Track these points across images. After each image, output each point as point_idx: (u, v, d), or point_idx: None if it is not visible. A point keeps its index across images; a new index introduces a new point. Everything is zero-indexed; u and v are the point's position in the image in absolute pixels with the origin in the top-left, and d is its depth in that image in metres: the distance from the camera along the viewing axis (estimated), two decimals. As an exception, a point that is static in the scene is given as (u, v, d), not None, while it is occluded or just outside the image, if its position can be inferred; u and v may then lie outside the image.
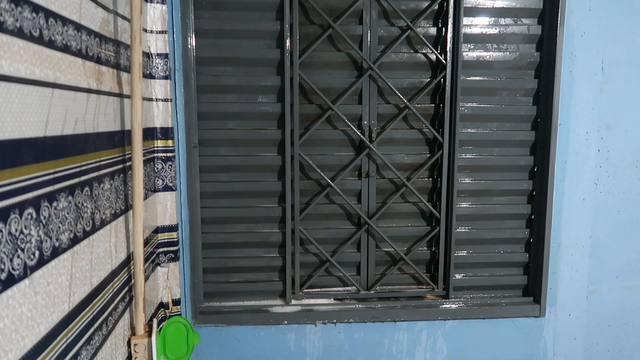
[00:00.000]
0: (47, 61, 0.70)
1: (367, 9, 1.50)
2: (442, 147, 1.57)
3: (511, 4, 1.54)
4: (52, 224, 0.70)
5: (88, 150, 0.86)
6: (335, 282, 1.64)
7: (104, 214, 0.94)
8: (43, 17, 0.69)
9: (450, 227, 1.60)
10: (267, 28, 1.48)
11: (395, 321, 1.61)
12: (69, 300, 0.77)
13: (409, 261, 1.61)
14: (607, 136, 1.60)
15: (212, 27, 1.46)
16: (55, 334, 0.71)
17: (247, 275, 1.61)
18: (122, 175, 1.05)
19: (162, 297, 1.44)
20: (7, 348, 0.58)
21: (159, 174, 1.40)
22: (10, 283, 0.59)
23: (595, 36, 1.54)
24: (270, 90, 1.51)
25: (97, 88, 0.91)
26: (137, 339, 1.09)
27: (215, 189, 1.54)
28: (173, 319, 1.22)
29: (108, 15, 0.99)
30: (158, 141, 1.39)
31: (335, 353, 1.63)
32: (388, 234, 1.60)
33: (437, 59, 1.54)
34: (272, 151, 1.54)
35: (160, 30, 1.35)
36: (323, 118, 1.51)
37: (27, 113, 0.63)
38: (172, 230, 1.44)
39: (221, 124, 1.52)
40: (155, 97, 1.36)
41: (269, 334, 1.60)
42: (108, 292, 0.96)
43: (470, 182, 1.62)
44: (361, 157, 1.55)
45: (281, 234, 1.58)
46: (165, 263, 1.44)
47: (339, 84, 1.53)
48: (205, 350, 1.58)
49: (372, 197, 1.60)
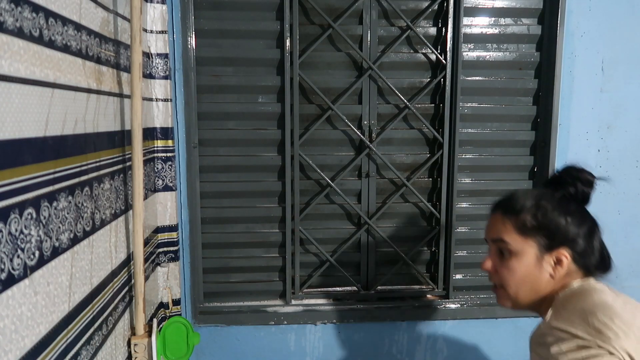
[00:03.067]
0: (47, 61, 0.70)
1: (367, 9, 1.50)
2: (442, 147, 1.57)
3: (511, 4, 1.54)
4: (52, 224, 0.70)
5: (88, 150, 0.86)
6: (335, 282, 1.64)
7: (104, 214, 0.94)
8: (43, 17, 0.69)
9: (450, 227, 1.60)
10: (267, 28, 1.48)
11: (395, 321, 1.62)
12: (69, 300, 0.77)
13: (409, 261, 1.61)
14: (607, 136, 1.60)
15: (212, 27, 1.46)
16: (55, 334, 0.71)
17: (247, 275, 1.61)
18: (122, 175, 1.05)
19: (162, 297, 1.44)
20: (7, 348, 0.58)
21: (159, 174, 1.40)
22: (10, 283, 0.59)
23: (595, 36, 1.54)
24: (270, 90, 1.51)
25: (97, 88, 0.91)
26: (137, 339, 1.09)
27: (215, 189, 1.54)
28: (173, 319, 1.22)
29: (108, 15, 0.99)
30: (158, 141, 1.39)
31: (335, 353, 1.63)
32: (388, 234, 1.60)
33: (437, 59, 1.54)
34: (272, 151, 1.54)
35: (160, 30, 1.35)
36: (323, 118, 1.51)
37: (27, 113, 0.63)
38: (172, 230, 1.44)
39: (221, 124, 1.52)
40: (155, 97, 1.36)
41: (269, 334, 1.60)
42: (108, 292, 0.96)
43: (470, 182, 1.62)
44: (361, 157, 1.55)
45: (281, 234, 1.58)
46: (165, 263, 1.44)
47: (339, 84, 1.53)
48: (205, 350, 1.58)
49: (372, 197, 1.60)
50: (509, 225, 0.92)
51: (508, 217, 0.93)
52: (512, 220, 0.92)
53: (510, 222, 0.92)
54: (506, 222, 0.92)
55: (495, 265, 0.95)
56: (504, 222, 0.93)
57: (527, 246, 0.90)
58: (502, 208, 0.95)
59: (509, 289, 0.93)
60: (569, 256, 0.89)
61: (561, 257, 0.89)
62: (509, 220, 0.92)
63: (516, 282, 0.92)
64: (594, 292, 0.86)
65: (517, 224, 0.91)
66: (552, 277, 0.90)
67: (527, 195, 0.93)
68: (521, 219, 0.91)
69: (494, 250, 0.96)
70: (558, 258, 0.89)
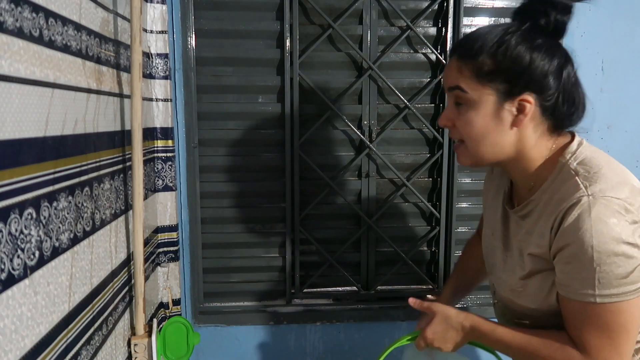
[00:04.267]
0: (47, 61, 0.70)
1: (367, 9, 1.50)
2: (442, 147, 1.57)
3: (511, 4, 1.54)
4: (52, 224, 0.70)
5: (88, 150, 0.86)
6: (335, 282, 1.64)
7: (104, 214, 0.94)
8: (43, 17, 0.69)
9: (450, 227, 1.60)
10: (267, 28, 1.48)
11: (395, 321, 1.61)
12: (69, 300, 0.77)
13: (409, 261, 1.61)
14: (607, 136, 1.60)
15: (212, 27, 1.46)
16: (55, 334, 0.71)
17: (247, 276, 1.61)
18: (122, 175, 1.05)
19: (162, 297, 1.44)
20: (7, 348, 0.58)
21: (159, 174, 1.40)
22: (10, 283, 0.59)
23: (595, 36, 1.54)
24: (270, 90, 1.51)
25: (97, 88, 0.91)
26: (137, 339, 1.09)
27: (215, 189, 1.54)
28: (173, 319, 1.22)
29: (108, 15, 0.99)
30: (158, 141, 1.39)
31: (335, 353, 1.63)
32: (388, 234, 1.60)
33: (437, 59, 1.54)
34: (272, 151, 1.54)
35: (160, 30, 1.35)
36: (323, 118, 1.51)
37: (27, 113, 0.63)
38: (172, 230, 1.44)
39: (221, 124, 1.52)
40: (155, 97, 1.36)
41: (269, 334, 1.60)
42: (108, 292, 0.96)
43: (470, 182, 1.62)
44: (361, 157, 1.55)
45: (281, 234, 1.58)
46: (165, 263, 1.44)
47: (339, 84, 1.53)
48: (205, 350, 1.58)
49: (372, 197, 1.60)
50: (465, 71, 0.79)
51: (464, 62, 0.80)
52: (469, 65, 0.79)
53: (466, 67, 0.79)
54: (462, 68, 0.80)
55: (454, 118, 0.83)
56: (461, 68, 0.80)
57: (484, 94, 0.78)
58: (459, 51, 0.81)
59: (468, 144, 0.83)
60: (532, 101, 0.77)
61: (524, 103, 0.77)
62: (466, 65, 0.79)
63: (475, 136, 0.81)
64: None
65: (474, 68, 0.78)
66: (516, 127, 0.79)
67: (487, 35, 0.79)
68: (479, 63, 0.78)
69: (451, 102, 0.84)
70: (521, 105, 0.78)
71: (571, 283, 0.75)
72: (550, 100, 0.79)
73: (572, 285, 0.75)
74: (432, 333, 0.89)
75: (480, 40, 0.79)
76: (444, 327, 0.89)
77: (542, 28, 0.78)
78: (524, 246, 0.84)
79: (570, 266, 0.75)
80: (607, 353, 0.74)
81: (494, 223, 0.97)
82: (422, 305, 0.93)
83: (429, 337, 0.90)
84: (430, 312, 0.91)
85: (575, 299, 0.75)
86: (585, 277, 0.73)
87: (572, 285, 0.75)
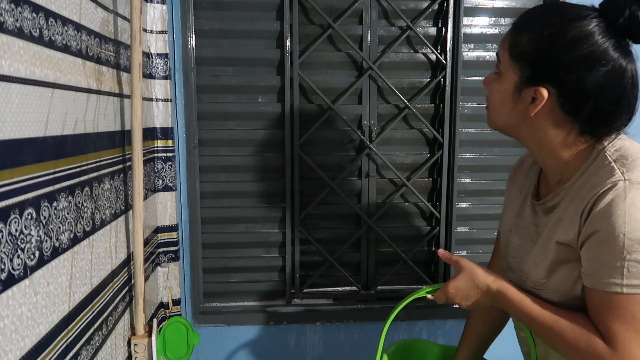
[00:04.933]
0: (47, 61, 0.70)
1: (367, 9, 1.50)
2: (442, 147, 1.57)
3: (511, 4, 1.54)
4: (52, 224, 0.70)
5: (88, 150, 0.86)
6: (335, 282, 1.64)
7: (104, 214, 0.94)
8: (43, 17, 0.69)
9: (450, 227, 1.60)
10: (267, 28, 1.48)
11: (395, 321, 1.61)
12: (69, 300, 0.77)
13: (409, 261, 1.61)
14: (607, 136, 1.60)
15: (212, 27, 1.46)
16: (55, 334, 0.71)
17: (247, 276, 1.61)
18: (122, 175, 1.05)
19: (162, 297, 1.44)
20: (7, 348, 0.58)
21: (159, 174, 1.40)
22: (10, 283, 0.59)
23: None
24: (270, 90, 1.52)
25: (97, 88, 0.91)
26: (137, 339, 1.09)
27: (215, 189, 1.54)
28: (173, 319, 1.22)
29: (108, 15, 0.99)
30: (158, 141, 1.39)
31: (335, 353, 1.63)
32: (388, 234, 1.60)
33: (437, 59, 1.54)
34: (272, 151, 1.54)
35: (160, 30, 1.35)
36: (323, 118, 1.51)
37: (27, 113, 0.63)
38: (172, 230, 1.44)
39: (221, 124, 1.52)
40: (155, 97, 1.36)
41: (269, 334, 1.60)
42: (108, 292, 0.96)
43: (470, 182, 1.62)
44: (361, 157, 1.55)
45: (281, 234, 1.58)
46: (165, 263, 1.44)
47: (339, 84, 1.53)
48: (205, 350, 1.58)
49: (372, 197, 1.60)
50: (506, 43, 0.80)
51: (511, 32, 0.80)
52: (510, 38, 0.80)
53: (508, 39, 0.80)
54: (507, 38, 0.81)
55: (491, 81, 0.85)
56: (507, 37, 0.81)
57: (510, 71, 0.79)
58: (515, 21, 0.82)
59: (488, 109, 0.87)
60: (545, 95, 0.76)
61: (538, 94, 0.77)
62: (510, 36, 0.80)
63: (491, 105, 0.85)
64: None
65: (512, 43, 0.79)
66: (529, 114, 0.79)
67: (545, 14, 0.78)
68: (516, 38, 0.78)
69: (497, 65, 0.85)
70: (536, 95, 0.77)
71: (598, 272, 0.72)
72: (575, 103, 0.76)
73: (598, 275, 0.72)
74: (455, 288, 0.86)
75: (532, 18, 0.79)
76: (469, 285, 0.85)
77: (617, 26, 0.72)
78: (552, 235, 0.81)
79: (599, 253, 0.71)
80: (633, 347, 0.70)
81: (517, 220, 0.95)
82: (451, 258, 0.90)
83: (451, 292, 0.87)
84: (458, 267, 0.87)
85: (601, 289, 0.72)
86: (613, 266, 0.69)
87: (599, 275, 0.72)
